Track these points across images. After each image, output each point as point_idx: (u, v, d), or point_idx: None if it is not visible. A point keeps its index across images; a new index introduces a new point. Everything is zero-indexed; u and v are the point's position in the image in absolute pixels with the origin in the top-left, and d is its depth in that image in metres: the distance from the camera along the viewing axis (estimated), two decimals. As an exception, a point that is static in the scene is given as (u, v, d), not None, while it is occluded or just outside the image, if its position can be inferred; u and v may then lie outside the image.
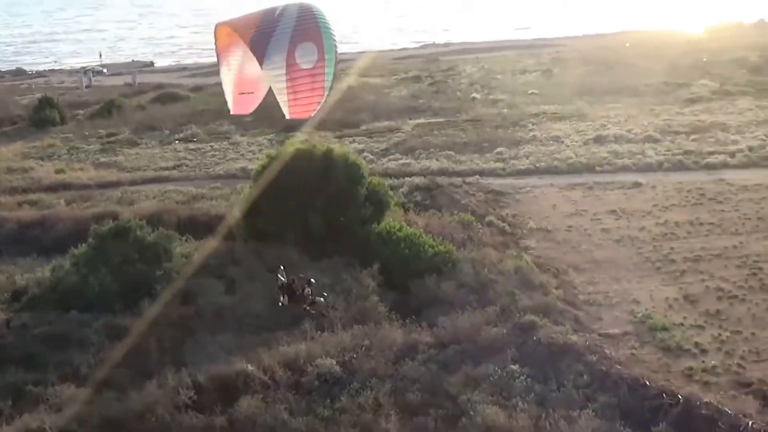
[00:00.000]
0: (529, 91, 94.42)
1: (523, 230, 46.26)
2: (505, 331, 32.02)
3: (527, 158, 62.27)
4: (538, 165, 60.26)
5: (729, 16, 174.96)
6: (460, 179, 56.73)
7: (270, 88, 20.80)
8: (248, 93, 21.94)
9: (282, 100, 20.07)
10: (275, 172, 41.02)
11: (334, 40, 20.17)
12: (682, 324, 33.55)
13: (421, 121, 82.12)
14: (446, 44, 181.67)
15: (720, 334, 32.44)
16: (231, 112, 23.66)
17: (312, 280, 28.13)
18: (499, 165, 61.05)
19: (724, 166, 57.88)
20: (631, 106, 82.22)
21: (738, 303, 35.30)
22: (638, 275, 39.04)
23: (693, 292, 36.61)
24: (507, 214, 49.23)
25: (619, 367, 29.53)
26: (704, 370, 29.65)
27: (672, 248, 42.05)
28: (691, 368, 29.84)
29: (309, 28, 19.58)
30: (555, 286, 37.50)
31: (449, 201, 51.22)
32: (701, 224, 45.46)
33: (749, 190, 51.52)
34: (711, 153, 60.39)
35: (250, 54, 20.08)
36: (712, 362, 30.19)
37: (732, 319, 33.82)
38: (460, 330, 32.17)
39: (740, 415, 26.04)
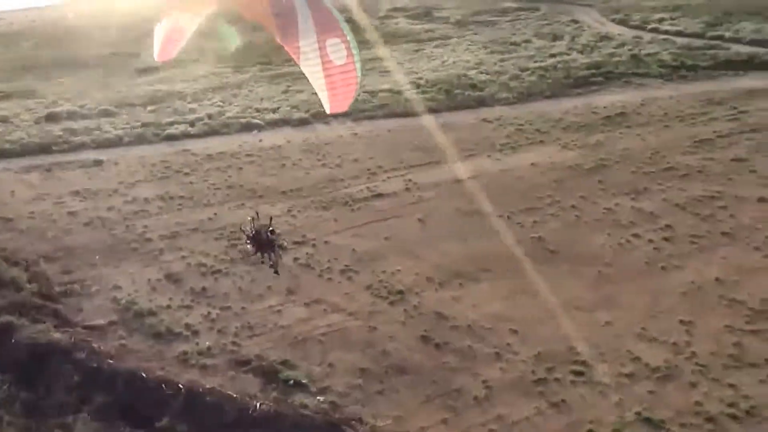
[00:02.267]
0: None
1: (-20, 221, 42.28)
2: (-24, 337, 28.75)
3: (-28, 140, 57.31)
4: (-12, 148, 55.81)
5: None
6: None
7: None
8: (174, 40, 22.72)
9: (322, 96, 20.74)
10: None
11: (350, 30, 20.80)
12: (169, 306, 32.78)
13: None
14: None
15: (210, 312, 32.16)
16: (156, 59, 23.82)
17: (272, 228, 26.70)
18: (-62, 150, 55.52)
19: (186, 136, 58.53)
20: (81, 79, 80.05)
21: (223, 277, 35.38)
22: (115, 258, 37.50)
23: (176, 271, 36.02)
24: (-45, 205, 44.72)
25: (111, 361, 27.91)
26: (200, 353, 29.10)
27: (146, 226, 41.21)
28: (186, 353, 29.12)
29: (328, 20, 20.17)
30: (27, 279, 34.58)
31: None
32: (172, 198, 45.23)
33: (214, 159, 52.51)
34: (171, 123, 60.69)
35: (196, 11, 21.55)
36: (207, 343, 29.76)
37: (219, 295, 33.77)
38: None
39: (245, 397, 25.88)
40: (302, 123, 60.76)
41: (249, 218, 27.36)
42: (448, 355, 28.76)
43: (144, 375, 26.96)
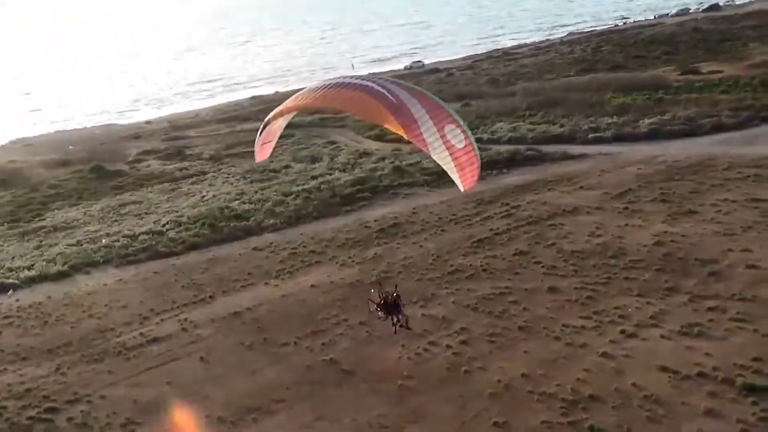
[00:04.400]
0: None
1: None
2: None
3: None
4: None
5: None
6: None
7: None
8: (268, 143, 27.10)
9: (455, 177, 23.56)
10: None
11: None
12: None
13: None
14: None
15: None
16: (255, 161, 28.50)
17: (397, 293, 29.04)
18: None
19: None
20: None
21: None
22: None
23: None
24: None
25: None
26: None
27: None
28: None
29: (439, 111, 23.05)
30: None
31: None
32: None
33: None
34: None
35: (286, 117, 25.67)
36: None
37: None
38: None
39: None
40: (62, 276, 57.67)
41: (372, 290, 29.39)
42: (254, 497, 26.94)
43: None
